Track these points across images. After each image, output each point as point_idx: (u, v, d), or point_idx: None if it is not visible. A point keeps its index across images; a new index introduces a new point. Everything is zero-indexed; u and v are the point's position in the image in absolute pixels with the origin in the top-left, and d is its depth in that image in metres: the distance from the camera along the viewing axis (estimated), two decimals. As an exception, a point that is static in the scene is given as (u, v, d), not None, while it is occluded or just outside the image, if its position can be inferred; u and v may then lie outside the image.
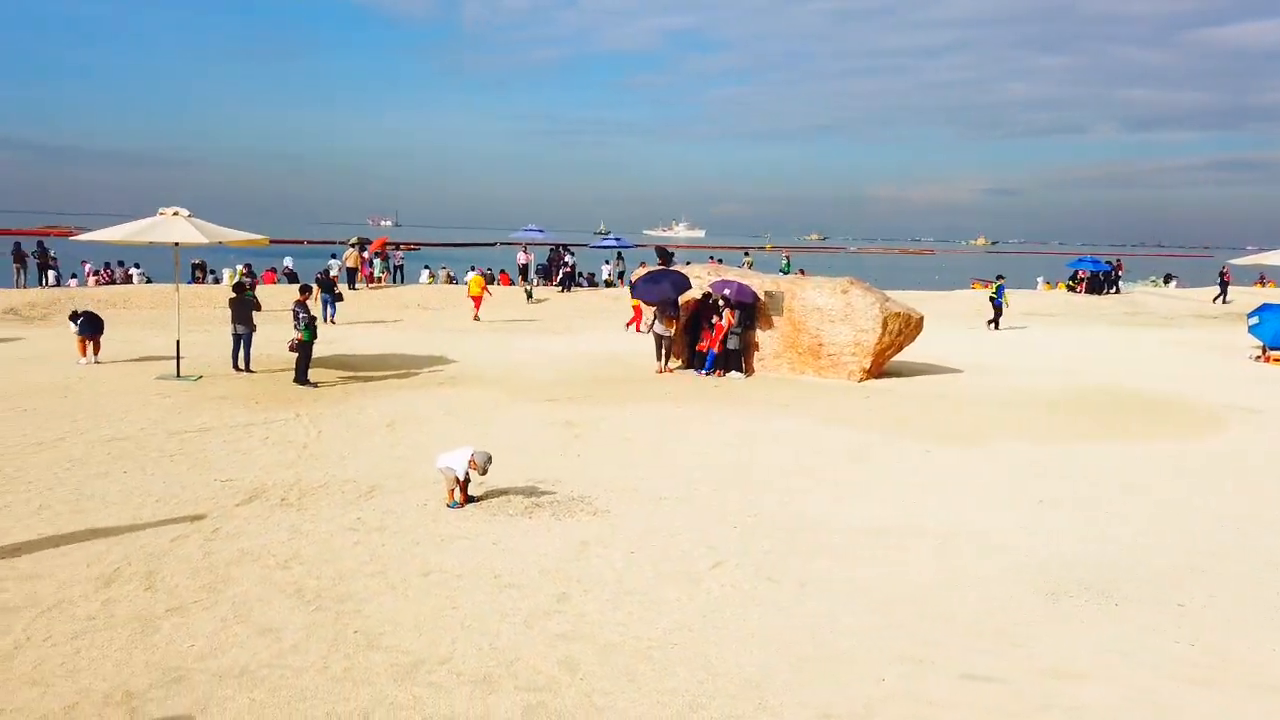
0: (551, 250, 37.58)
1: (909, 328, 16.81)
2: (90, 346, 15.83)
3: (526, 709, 4.97)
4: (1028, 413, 13.81)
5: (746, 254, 43.58)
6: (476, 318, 25.38)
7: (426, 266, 38.13)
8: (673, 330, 17.04)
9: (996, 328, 26.38)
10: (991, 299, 26.85)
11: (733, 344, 16.72)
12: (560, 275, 33.92)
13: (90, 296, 26.38)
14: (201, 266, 34.09)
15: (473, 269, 32.65)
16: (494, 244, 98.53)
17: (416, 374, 15.94)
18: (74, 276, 32.73)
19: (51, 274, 31.12)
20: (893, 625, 6.22)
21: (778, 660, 5.64)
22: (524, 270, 35.78)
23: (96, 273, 33.66)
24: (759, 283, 17.52)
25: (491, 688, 5.18)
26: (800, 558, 7.45)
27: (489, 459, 8.35)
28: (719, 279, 17.48)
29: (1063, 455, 11.20)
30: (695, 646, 5.79)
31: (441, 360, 17.50)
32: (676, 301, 17.15)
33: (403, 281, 34.49)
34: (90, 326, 15.85)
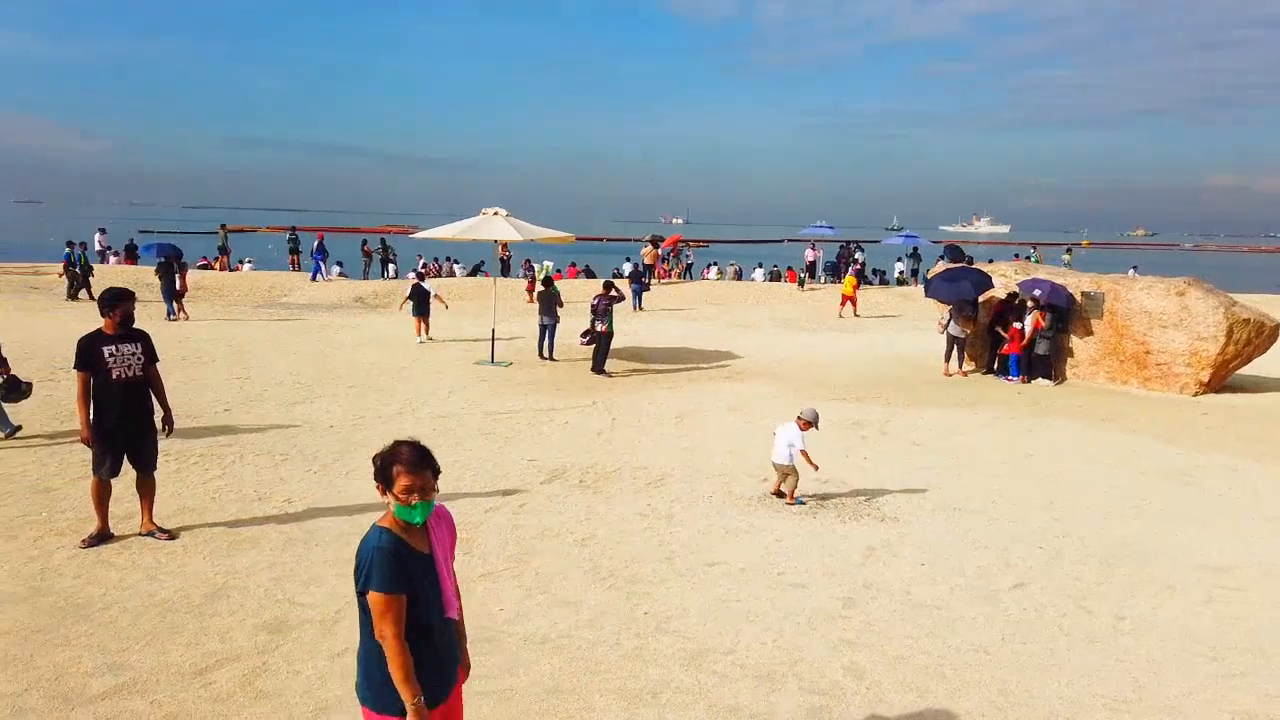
0: (841, 247, 36.89)
1: (1260, 337, 14.63)
2: (424, 326, 18.25)
3: (811, 711, 4.89)
4: None
5: (1068, 250, 40.03)
6: (856, 314, 25.70)
7: (714, 263, 38.94)
8: (969, 331, 16.07)
9: None
10: None
11: (1041, 348, 15.47)
12: (849, 272, 33.19)
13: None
14: (507, 261, 37.13)
15: (849, 270, 32.56)
16: (781, 240, 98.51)
17: (704, 368, 16.30)
18: (412, 271, 36.97)
19: (391, 267, 35.34)
20: (1233, 676, 5.43)
21: (1090, 699, 5.12)
22: (811, 267, 35.44)
23: (425, 266, 37.77)
24: (1075, 282, 16.05)
25: (775, 684, 5.15)
26: (1118, 589, 6.71)
27: (815, 413, 8.55)
28: (1028, 278, 16.24)
29: None
30: (992, 670, 5.41)
31: (728, 355, 17.76)
32: (976, 301, 16.16)
33: (692, 277, 35.45)
34: (419, 308, 18.28)
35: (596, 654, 5.45)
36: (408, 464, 3.13)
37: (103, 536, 6.88)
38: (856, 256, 33.79)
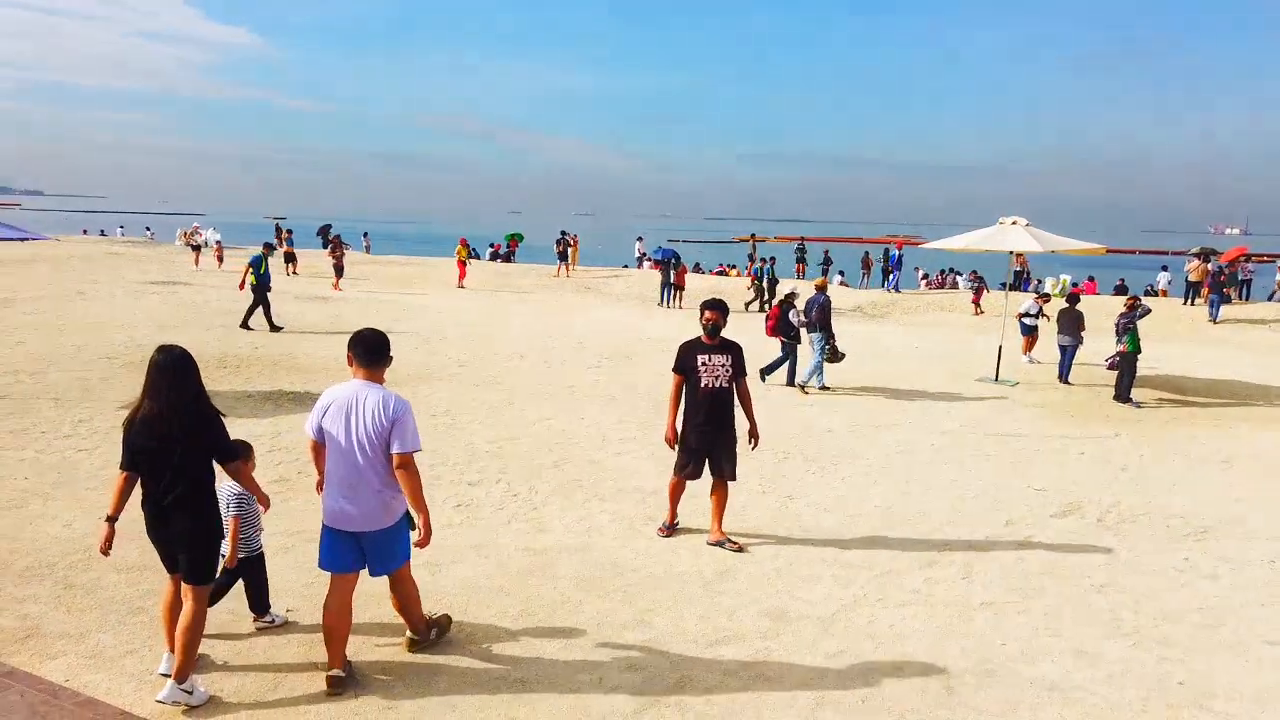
0: None
1: None
2: (1028, 343, 17.08)
3: None
4: None
5: None
6: None
7: (1285, 281, 32.51)
8: None
9: None
10: None
11: None
12: None
13: (920, 299, 29.16)
14: (1024, 274, 34.78)
15: None
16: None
17: (1265, 407, 13.64)
18: (927, 279, 36.65)
19: (893, 277, 35.31)
20: None
21: None
22: None
23: (926, 277, 37.12)
24: None
25: (1367, 813, 4.08)
26: None
27: None
28: None
29: None
30: None
31: (1298, 393, 14.64)
32: None
33: (1248, 298, 30.02)
34: (1027, 329, 17.19)
35: (1116, 716, 4.81)
36: None
37: (673, 528, 7.33)
38: None
